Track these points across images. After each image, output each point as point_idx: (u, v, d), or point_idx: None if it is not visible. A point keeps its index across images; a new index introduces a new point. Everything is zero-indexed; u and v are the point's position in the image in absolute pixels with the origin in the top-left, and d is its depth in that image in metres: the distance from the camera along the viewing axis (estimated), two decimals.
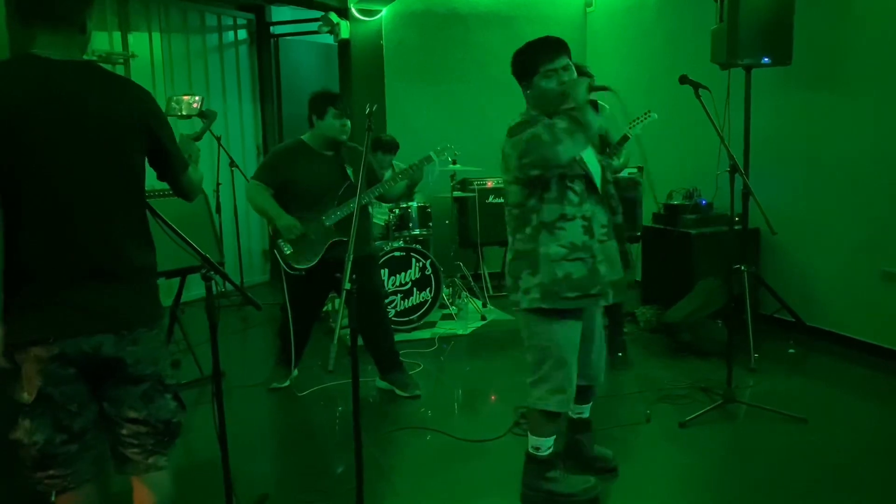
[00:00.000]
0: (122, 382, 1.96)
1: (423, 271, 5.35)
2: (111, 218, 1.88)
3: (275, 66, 7.59)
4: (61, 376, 1.86)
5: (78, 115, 1.80)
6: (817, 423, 3.53)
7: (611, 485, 3.03)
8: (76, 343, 1.84)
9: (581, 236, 2.69)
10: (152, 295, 2.02)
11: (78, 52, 1.87)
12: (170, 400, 2.04)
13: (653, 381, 4.23)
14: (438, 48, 7.06)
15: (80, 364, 1.88)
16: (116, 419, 1.98)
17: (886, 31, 4.33)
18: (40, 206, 1.80)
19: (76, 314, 1.84)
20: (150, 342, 1.99)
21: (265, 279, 7.46)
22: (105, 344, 1.88)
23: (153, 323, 2.01)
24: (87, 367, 1.89)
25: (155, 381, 2.01)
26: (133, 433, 1.99)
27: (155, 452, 2.03)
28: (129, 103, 1.89)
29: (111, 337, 1.88)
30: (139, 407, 1.98)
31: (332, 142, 3.93)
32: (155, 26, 6.34)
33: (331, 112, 3.88)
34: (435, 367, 4.65)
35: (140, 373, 1.96)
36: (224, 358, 2.76)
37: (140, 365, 1.96)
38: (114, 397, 1.97)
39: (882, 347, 4.48)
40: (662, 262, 5.47)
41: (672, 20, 6.17)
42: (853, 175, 4.61)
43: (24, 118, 1.75)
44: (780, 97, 5.02)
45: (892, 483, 3.01)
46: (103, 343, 1.88)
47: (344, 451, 3.32)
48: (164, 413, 2.02)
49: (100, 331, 1.87)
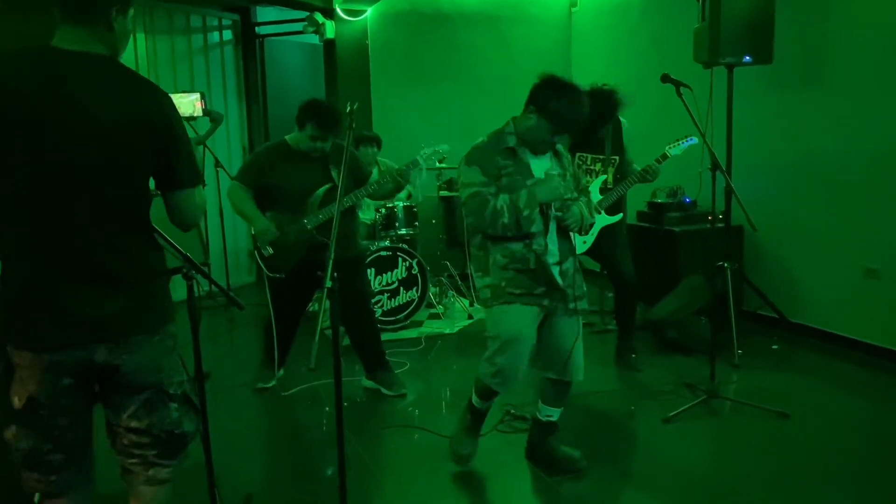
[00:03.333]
0: (121, 390, 1.89)
1: (410, 270, 5.36)
2: (111, 217, 1.79)
3: (260, 66, 7.57)
4: (54, 387, 1.81)
5: (81, 106, 1.71)
6: (800, 418, 3.57)
7: (593, 481, 3.05)
8: (71, 352, 1.78)
9: (521, 249, 2.88)
10: (157, 299, 1.92)
11: (101, 48, 1.79)
12: (173, 410, 1.95)
13: (637, 378, 4.26)
14: (424, 48, 7.06)
15: (78, 371, 1.81)
16: (117, 428, 1.93)
17: (867, 30, 4.38)
18: (38, 195, 1.72)
19: (67, 324, 1.76)
20: (151, 350, 1.89)
21: (251, 280, 7.45)
22: (98, 351, 1.81)
23: (156, 329, 1.91)
24: (86, 373, 1.83)
25: (157, 390, 1.92)
26: (134, 443, 1.93)
27: (155, 465, 1.96)
28: (138, 101, 1.79)
29: (103, 346, 1.81)
30: (141, 416, 1.91)
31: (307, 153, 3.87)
32: (140, 27, 6.30)
33: (309, 129, 3.79)
34: (422, 366, 4.65)
35: (139, 381, 1.88)
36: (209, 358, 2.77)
37: (139, 373, 1.88)
38: (114, 405, 1.91)
39: (864, 343, 4.53)
40: (647, 260, 5.49)
41: (657, 20, 6.21)
42: (835, 173, 4.65)
43: (24, 104, 1.69)
44: (763, 96, 5.07)
45: (873, 476, 3.05)
46: (96, 351, 1.81)
47: (330, 451, 3.31)
48: (167, 423, 1.94)
49: (91, 341, 1.80)
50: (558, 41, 7.41)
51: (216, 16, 7.16)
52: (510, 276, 2.88)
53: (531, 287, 2.88)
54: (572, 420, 3.65)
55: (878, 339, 4.45)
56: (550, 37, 7.39)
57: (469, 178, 2.86)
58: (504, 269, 2.89)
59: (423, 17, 7.02)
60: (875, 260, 4.43)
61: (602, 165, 4.32)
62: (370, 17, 6.87)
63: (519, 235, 2.84)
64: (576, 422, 3.62)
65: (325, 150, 3.86)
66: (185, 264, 2.08)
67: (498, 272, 2.90)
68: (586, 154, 4.29)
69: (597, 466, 3.15)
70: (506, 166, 2.85)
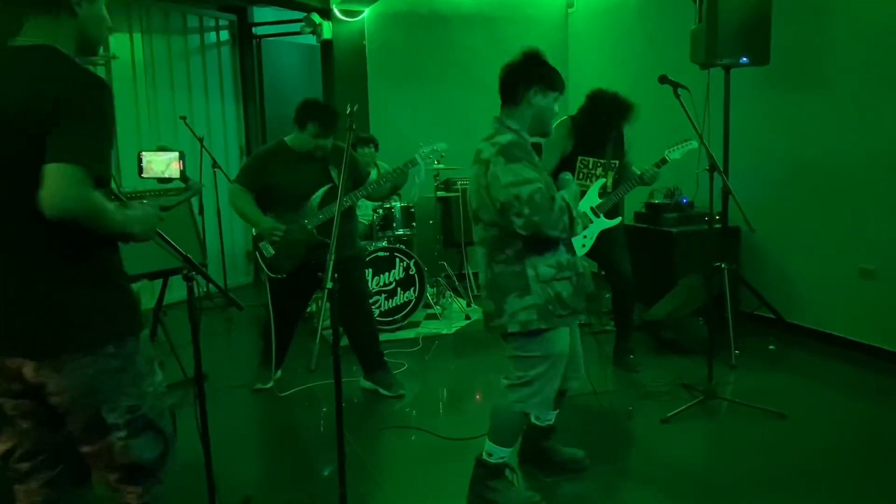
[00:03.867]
0: (61, 412, 1.73)
1: (408, 271, 5.36)
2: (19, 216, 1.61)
3: (257, 66, 7.57)
4: (8, 389, 1.75)
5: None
6: (796, 419, 3.58)
7: (592, 481, 3.06)
8: (9, 359, 1.67)
9: (565, 254, 2.71)
10: (91, 311, 1.68)
11: (66, 37, 1.72)
12: (118, 439, 1.74)
13: (635, 378, 4.27)
14: (421, 49, 7.07)
15: (23, 379, 1.70)
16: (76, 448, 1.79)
17: (863, 32, 4.39)
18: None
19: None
20: (85, 370, 1.67)
21: (249, 280, 7.44)
22: (24, 367, 1.67)
23: (94, 347, 1.68)
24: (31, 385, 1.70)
25: (94, 418, 1.71)
26: (95, 466, 1.81)
27: (119, 490, 1.83)
28: (34, 90, 1.60)
29: (29, 362, 1.66)
30: (86, 441, 1.75)
31: (308, 153, 3.89)
32: (136, 27, 6.31)
33: (310, 129, 3.81)
34: (419, 366, 4.66)
35: (72, 405, 1.70)
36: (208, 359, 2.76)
37: (70, 397, 1.68)
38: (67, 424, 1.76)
39: (860, 343, 4.55)
40: (644, 261, 5.50)
41: (653, 21, 6.22)
42: (831, 173, 4.67)
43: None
44: (760, 97, 5.08)
45: (869, 475, 3.06)
46: (22, 366, 1.67)
47: (328, 452, 3.33)
48: (116, 452, 1.75)
49: (14, 354, 1.66)
50: (555, 42, 7.42)
51: (213, 16, 7.16)
52: (556, 293, 2.64)
53: (577, 303, 2.70)
54: (571, 420, 3.66)
55: (875, 339, 4.46)
56: (547, 37, 7.39)
57: (524, 175, 2.53)
58: (548, 284, 2.64)
59: (420, 18, 7.03)
60: (871, 261, 4.45)
61: (603, 169, 4.33)
62: (367, 17, 6.88)
63: (565, 240, 2.69)
64: (574, 422, 3.63)
65: (327, 148, 3.87)
66: (185, 265, 2.08)
67: (542, 289, 2.63)
68: (588, 158, 4.30)
69: (595, 466, 3.15)
70: (537, 164, 2.68)
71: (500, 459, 2.80)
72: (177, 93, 6.69)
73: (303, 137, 3.86)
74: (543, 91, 2.72)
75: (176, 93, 6.68)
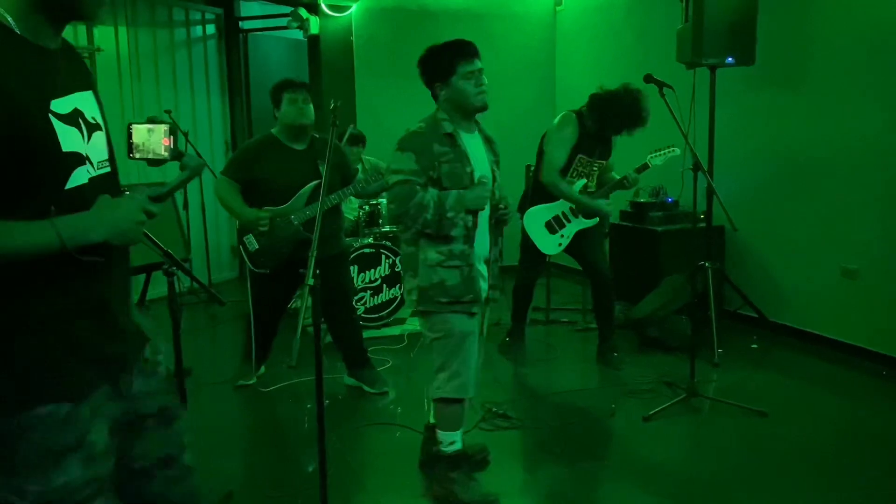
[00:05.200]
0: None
1: (393, 268, 5.35)
2: None
3: (243, 61, 7.52)
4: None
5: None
6: (777, 417, 3.61)
7: (575, 478, 3.07)
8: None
9: (460, 245, 2.72)
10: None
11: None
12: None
13: (618, 376, 4.28)
14: (409, 45, 6.95)
15: None
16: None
17: (848, 32, 4.42)
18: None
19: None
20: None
21: (233, 276, 7.40)
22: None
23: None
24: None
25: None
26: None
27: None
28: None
29: None
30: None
31: (297, 130, 3.82)
32: (121, 20, 6.24)
33: (286, 98, 3.77)
34: (404, 363, 4.65)
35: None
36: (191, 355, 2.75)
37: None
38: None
39: (842, 342, 4.59)
40: (629, 259, 5.53)
41: (641, 19, 6.24)
42: (815, 173, 4.70)
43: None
44: (745, 97, 5.11)
45: (849, 473, 3.09)
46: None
47: (311, 448, 3.30)
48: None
49: None
50: (543, 39, 7.42)
51: (199, 10, 7.10)
52: (441, 279, 2.70)
53: (463, 294, 2.72)
54: (553, 417, 3.68)
55: (856, 338, 4.50)
56: (535, 35, 7.40)
57: (400, 165, 2.72)
58: (433, 269, 2.71)
59: (407, 14, 7.00)
60: (854, 260, 4.49)
61: (598, 169, 4.37)
62: (355, 13, 6.85)
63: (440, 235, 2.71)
64: (557, 419, 3.64)
65: (311, 114, 3.82)
66: (166, 260, 2.07)
67: (426, 272, 2.72)
68: (585, 157, 4.30)
69: (577, 463, 3.17)
70: (444, 153, 2.73)
71: (451, 446, 2.87)
72: (162, 86, 6.63)
73: (282, 114, 3.80)
74: (444, 83, 2.81)
75: (161, 86, 6.61)
